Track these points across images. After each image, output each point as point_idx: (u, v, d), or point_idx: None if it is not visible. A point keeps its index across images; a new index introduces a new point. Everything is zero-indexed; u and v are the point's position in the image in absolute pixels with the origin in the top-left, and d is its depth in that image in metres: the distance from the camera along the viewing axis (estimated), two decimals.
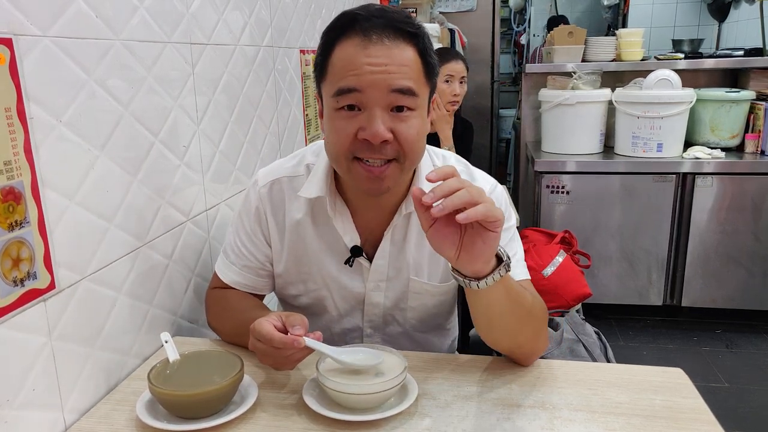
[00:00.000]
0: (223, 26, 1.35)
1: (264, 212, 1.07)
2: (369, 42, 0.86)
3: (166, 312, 1.15)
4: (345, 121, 0.89)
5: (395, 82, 0.87)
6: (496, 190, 1.06)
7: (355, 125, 0.89)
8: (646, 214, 2.81)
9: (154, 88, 1.08)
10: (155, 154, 1.09)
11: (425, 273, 1.07)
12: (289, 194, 1.05)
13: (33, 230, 0.79)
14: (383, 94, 0.87)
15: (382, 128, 0.87)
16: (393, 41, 0.87)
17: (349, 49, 0.87)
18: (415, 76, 0.89)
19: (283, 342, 0.85)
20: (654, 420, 0.85)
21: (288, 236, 1.07)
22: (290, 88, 1.79)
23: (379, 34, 0.87)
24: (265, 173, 1.09)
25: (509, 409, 0.88)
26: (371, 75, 0.86)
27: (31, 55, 0.78)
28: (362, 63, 0.86)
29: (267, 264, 1.10)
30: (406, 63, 0.88)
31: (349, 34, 0.88)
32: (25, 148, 0.77)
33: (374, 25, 0.87)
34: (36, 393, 0.81)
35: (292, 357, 0.89)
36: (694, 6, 4.59)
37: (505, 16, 5.52)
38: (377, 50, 0.86)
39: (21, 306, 0.77)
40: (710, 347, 2.70)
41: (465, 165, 1.09)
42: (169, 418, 0.85)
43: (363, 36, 0.87)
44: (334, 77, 0.90)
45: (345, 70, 0.88)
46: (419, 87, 0.90)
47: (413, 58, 0.89)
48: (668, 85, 2.72)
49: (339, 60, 0.89)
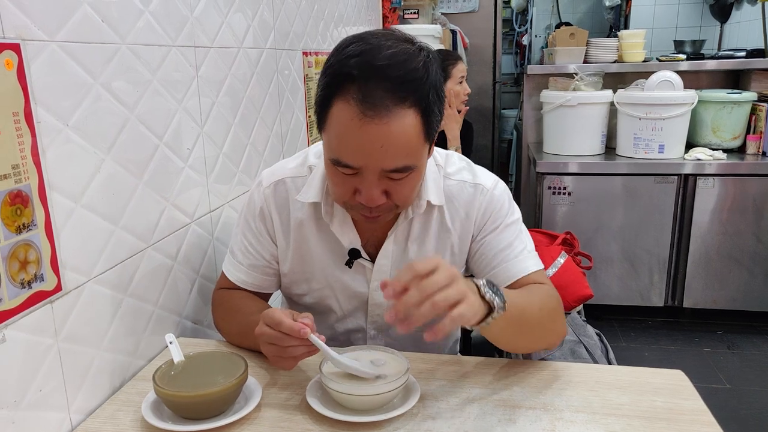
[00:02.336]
0: (227, 29, 1.36)
1: (269, 212, 1.08)
2: (365, 117, 0.81)
3: (170, 313, 1.15)
4: (342, 178, 0.90)
5: (389, 164, 0.85)
6: (498, 187, 1.08)
7: (351, 185, 0.90)
8: (647, 215, 2.82)
9: (159, 91, 1.09)
10: (160, 156, 1.10)
11: None
12: (292, 194, 1.06)
13: (40, 233, 0.79)
14: (378, 171, 0.87)
15: (375, 195, 0.88)
16: (392, 111, 0.82)
17: (345, 118, 0.83)
18: (413, 146, 0.86)
19: (291, 328, 0.87)
20: (655, 421, 0.85)
21: (293, 236, 1.08)
22: (293, 90, 1.80)
23: (376, 107, 0.81)
24: (269, 174, 1.10)
25: (511, 411, 0.89)
26: (366, 157, 0.85)
27: (38, 59, 0.79)
28: (357, 141, 0.84)
29: (273, 262, 1.11)
30: (404, 137, 0.84)
31: (347, 96, 0.82)
32: (33, 152, 0.78)
33: (373, 91, 0.81)
34: (43, 394, 0.82)
35: (294, 350, 0.89)
36: (696, 7, 4.58)
37: (507, 16, 5.52)
38: (373, 130, 0.82)
39: (28, 308, 0.78)
40: (712, 348, 2.70)
41: (468, 163, 1.11)
42: (174, 418, 0.86)
43: (360, 105, 0.81)
44: (331, 141, 0.88)
45: (340, 143, 0.86)
46: (417, 155, 0.88)
47: (413, 123, 0.84)
48: (670, 86, 2.73)
49: (335, 124, 0.85)
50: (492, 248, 1.05)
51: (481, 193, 1.06)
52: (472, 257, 1.09)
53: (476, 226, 1.07)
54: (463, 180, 1.06)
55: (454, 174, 1.07)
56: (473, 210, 1.06)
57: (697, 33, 4.51)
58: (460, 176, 1.07)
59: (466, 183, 1.06)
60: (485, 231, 1.06)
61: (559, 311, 1.02)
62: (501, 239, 1.05)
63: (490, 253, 1.05)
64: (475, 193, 1.06)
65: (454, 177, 1.07)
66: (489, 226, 1.06)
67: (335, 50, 0.87)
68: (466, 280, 0.83)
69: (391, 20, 3.36)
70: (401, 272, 0.75)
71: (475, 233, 1.07)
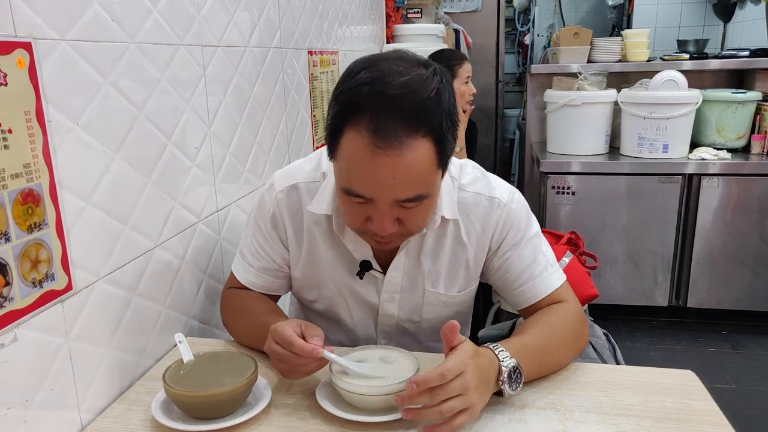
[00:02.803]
0: (233, 28, 1.36)
1: (281, 218, 1.06)
2: (377, 149, 0.79)
3: (178, 313, 1.15)
4: (353, 206, 0.88)
5: (402, 194, 0.84)
6: (515, 199, 1.05)
7: (364, 213, 0.88)
8: (651, 215, 2.81)
9: (167, 90, 1.09)
10: (168, 155, 1.10)
11: (442, 284, 1.07)
12: (305, 200, 1.04)
13: (51, 232, 0.79)
14: (390, 201, 0.85)
15: (388, 225, 0.87)
16: (404, 142, 0.79)
17: (358, 149, 0.81)
18: (426, 176, 0.84)
19: (303, 349, 0.86)
20: (665, 422, 0.85)
21: (306, 241, 1.06)
22: (298, 90, 1.80)
23: (389, 139, 0.79)
24: (282, 177, 1.07)
25: (521, 411, 0.88)
26: (378, 188, 0.83)
27: (49, 58, 0.79)
28: (369, 173, 0.82)
29: (284, 266, 1.10)
30: (417, 168, 0.82)
31: (358, 126, 0.80)
32: (44, 151, 0.78)
33: (385, 123, 0.79)
34: (53, 393, 0.82)
35: (305, 367, 0.89)
36: (699, 6, 4.58)
37: (509, 16, 5.52)
38: (385, 162, 0.80)
39: (39, 307, 0.78)
40: (717, 348, 2.70)
41: (482, 173, 1.08)
42: (184, 418, 0.86)
43: (372, 137, 0.79)
44: (343, 171, 0.86)
45: (351, 173, 0.84)
46: (430, 183, 0.86)
47: (427, 153, 0.82)
48: (674, 86, 2.72)
49: (347, 154, 0.83)
50: (516, 266, 1.04)
51: (497, 207, 1.03)
52: (494, 273, 1.07)
53: (494, 240, 1.05)
54: (479, 192, 1.04)
55: (468, 185, 1.04)
56: (489, 225, 1.04)
57: (700, 32, 4.50)
58: (475, 188, 1.04)
59: (482, 196, 1.04)
60: (505, 247, 1.04)
61: (579, 328, 1.03)
62: (524, 256, 1.04)
63: (515, 271, 1.04)
64: (491, 207, 1.03)
65: (468, 189, 1.04)
66: (509, 242, 1.04)
67: (345, 75, 0.85)
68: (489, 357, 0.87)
69: (395, 19, 3.36)
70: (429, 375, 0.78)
71: (492, 248, 1.05)
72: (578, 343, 1.03)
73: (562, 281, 1.06)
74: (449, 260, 1.06)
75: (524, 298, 1.05)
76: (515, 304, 1.09)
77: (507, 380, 0.86)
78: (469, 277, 1.09)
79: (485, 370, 0.84)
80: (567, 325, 1.01)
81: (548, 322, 1.01)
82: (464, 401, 0.79)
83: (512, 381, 0.87)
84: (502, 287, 1.08)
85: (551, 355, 0.98)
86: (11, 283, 0.73)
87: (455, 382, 0.78)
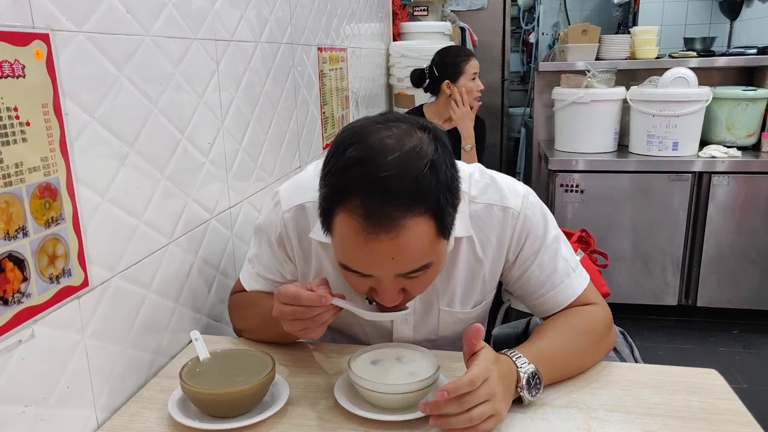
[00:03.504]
0: (245, 23, 1.35)
1: (288, 239, 1.02)
2: (370, 233, 0.75)
3: (191, 310, 1.14)
4: (355, 279, 0.84)
5: (404, 269, 0.80)
6: (529, 203, 1.00)
7: (366, 284, 0.84)
8: (661, 213, 2.79)
9: (181, 84, 1.08)
10: (181, 151, 1.09)
11: (457, 302, 1.04)
12: (313, 220, 0.98)
13: (68, 227, 0.78)
14: (391, 276, 0.82)
15: (394, 296, 0.84)
16: (400, 224, 0.75)
17: (350, 233, 0.77)
18: (428, 250, 0.80)
19: (311, 299, 0.84)
20: (692, 422, 0.84)
21: (314, 263, 1.03)
22: (308, 86, 1.78)
23: (382, 224, 0.74)
24: (288, 194, 1.02)
25: (543, 409, 0.87)
26: (377, 269, 0.80)
27: (66, 50, 0.78)
28: (365, 256, 0.78)
29: (294, 280, 1.07)
30: (416, 244, 0.77)
31: (349, 211, 0.76)
32: (61, 144, 0.76)
33: (378, 207, 0.74)
34: (70, 390, 0.80)
35: (320, 318, 0.87)
36: (706, 4, 4.55)
37: (514, 14, 5.50)
38: (380, 245, 0.76)
39: (56, 303, 0.77)
40: (727, 348, 2.68)
41: (491, 179, 1.01)
42: (201, 416, 0.84)
43: (364, 222, 0.75)
44: (337, 249, 0.82)
45: (347, 254, 0.81)
46: (434, 254, 0.81)
47: (426, 230, 0.77)
48: (684, 83, 2.70)
49: (341, 236, 0.79)
50: (536, 276, 1.00)
51: (511, 217, 0.98)
52: (514, 283, 1.03)
53: (510, 252, 1.00)
54: (491, 203, 0.98)
55: (479, 197, 0.99)
56: (505, 237, 0.99)
57: (707, 30, 4.48)
58: (486, 198, 0.99)
59: (494, 207, 0.98)
60: (524, 256, 1.00)
61: (602, 331, 1.01)
62: (544, 264, 1.00)
63: (536, 281, 1.01)
64: (505, 218, 0.98)
65: (479, 200, 0.99)
66: (527, 251, 1.00)
67: (334, 147, 0.80)
68: (507, 363, 0.85)
69: (401, 17, 3.35)
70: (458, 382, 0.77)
71: (509, 259, 1.01)
72: (601, 347, 1.00)
73: (584, 285, 1.02)
74: (464, 277, 1.02)
75: (546, 308, 1.02)
76: (538, 313, 1.05)
77: (526, 386, 0.85)
78: (485, 291, 1.05)
79: (506, 377, 0.83)
80: (588, 329, 0.99)
81: (568, 325, 0.98)
82: (492, 407, 0.78)
83: (531, 387, 0.86)
84: (523, 296, 1.05)
85: (571, 359, 0.95)
86: (29, 278, 0.72)
87: (482, 389, 0.77)
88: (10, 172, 0.68)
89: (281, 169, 1.57)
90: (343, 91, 2.18)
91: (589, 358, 0.98)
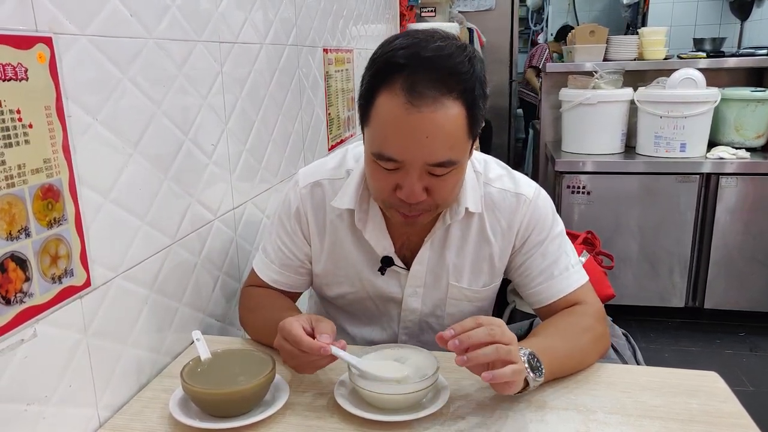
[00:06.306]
0: (250, 25, 1.36)
1: (305, 213, 1.07)
2: (411, 107, 0.81)
3: (194, 310, 1.15)
4: (383, 174, 0.89)
5: (434, 157, 0.85)
6: (540, 196, 1.05)
7: (393, 181, 0.89)
8: (668, 214, 2.78)
9: (185, 86, 1.09)
10: (185, 152, 1.09)
11: (465, 278, 1.07)
12: (329, 197, 1.05)
13: (70, 228, 0.79)
14: (421, 164, 0.86)
15: (417, 191, 0.88)
16: (439, 101, 0.82)
17: (392, 108, 0.83)
18: (458, 139, 0.86)
19: (311, 347, 0.85)
20: (691, 424, 0.83)
21: (328, 238, 1.07)
22: (313, 87, 1.79)
23: (423, 96, 0.81)
24: (306, 174, 1.09)
25: (542, 411, 0.87)
26: (411, 148, 0.84)
27: (69, 53, 0.79)
28: (403, 132, 0.83)
29: (307, 262, 1.10)
30: (449, 128, 0.84)
31: (393, 86, 0.83)
32: (63, 146, 0.77)
33: (420, 81, 0.81)
34: (72, 389, 0.81)
35: (316, 363, 0.89)
36: (716, 5, 4.53)
37: (522, 15, 5.49)
38: (419, 119, 0.82)
39: (59, 303, 0.78)
40: (734, 350, 2.66)
41: (507, 170, 1.08)
42: (201, 416, 0.85)
43: (407, 95, 0.81)
44: (375, 134, 0.88)
45: (385, 135, 0.85)
46: (461, 150, 0.87)
47: (459, 115, 0.84)
48: (692, 84, 2.69)
49: (380, 115, 0.85)
50: (537, 264, 1.04)
51: (524, 203, 1.03)
52: (516, 270, 1.08)
53: (519, 237, 1.05)
54: (505, 189, 1.04)
55: (494, 181, 1.04)
56: (516, 221, 1.04)
57: (717, 31, 4.45)
58: (501, 183, 1.04)
59: (508, 192, 1.04)
60: (530, 244, 1.04)
61: (600, 329, 1.02)
62: (546, 254, 1.04)
63: (536, 269, 1.04)
64: (517, 204, 1.03)
65: (494, 184, 1.04)
66: (533, 239, 1.04)
67: (381, 45, 0.88)
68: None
69: (409, 18, 3.35)
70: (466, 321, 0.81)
71: (516, 245, 1.05)
72: (599, 345, 1.02)
73: (581, 282, 1.05)
74: (473, 254, 1.05)
75: (541, 297, 1.05)
76: (532, 303, 1.08)
77: (528, 366, 0.85)
78: (493, 273, 1.08)
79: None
80: (587, 326, 1.00)
81: (566, 323, 1.00)
82: (509, 352, 0.80)
83: (533, 369, 0.85)
84: (521, 285, 1.08)
85: (570, 354, 0.96)
86: (31, 278, 0.73)
87: (506, 330, 0.81)
88: (13, 173, 0.69)
89: (286, 170, 1.58)
90: (349, 92, 2.18)
91: (588, 355, 0.99)
